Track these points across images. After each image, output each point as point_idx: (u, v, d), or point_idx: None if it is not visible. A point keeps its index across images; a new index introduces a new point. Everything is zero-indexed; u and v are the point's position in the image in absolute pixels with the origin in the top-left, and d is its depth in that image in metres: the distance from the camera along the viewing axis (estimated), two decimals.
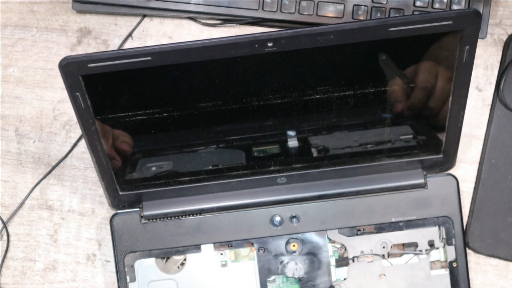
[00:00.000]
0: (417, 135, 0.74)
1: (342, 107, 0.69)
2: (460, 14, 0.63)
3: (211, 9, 0.79)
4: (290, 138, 0.73)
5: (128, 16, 0.82)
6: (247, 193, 0.75)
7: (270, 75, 0.66)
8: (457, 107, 0.70)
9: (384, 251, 0.76)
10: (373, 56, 0.66)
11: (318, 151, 0.74)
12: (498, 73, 0.80)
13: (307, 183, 0.75)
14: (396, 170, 0.75)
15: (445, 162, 0.75)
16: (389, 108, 0.70)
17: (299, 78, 0.67)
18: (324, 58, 0.65)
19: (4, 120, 0.81)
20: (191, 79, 0.66)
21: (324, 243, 0.76)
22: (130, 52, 0.62)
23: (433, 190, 0.76)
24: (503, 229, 0.78)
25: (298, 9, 0.79)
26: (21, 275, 0.80)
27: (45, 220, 0.80)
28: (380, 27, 0.63)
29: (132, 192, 0.74)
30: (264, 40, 0.62)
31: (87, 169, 0.81)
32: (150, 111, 0.68)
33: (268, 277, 0.75)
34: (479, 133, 0.80)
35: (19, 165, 0.81)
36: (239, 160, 0.74)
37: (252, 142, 0.73)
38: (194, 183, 0.74)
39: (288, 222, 0.75)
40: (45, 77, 0.82)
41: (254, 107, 0.68)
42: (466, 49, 0.65)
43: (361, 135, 0.73)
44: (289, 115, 0.70)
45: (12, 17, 0.82)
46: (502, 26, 0.81)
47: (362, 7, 0.78)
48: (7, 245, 0.80)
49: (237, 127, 0.71)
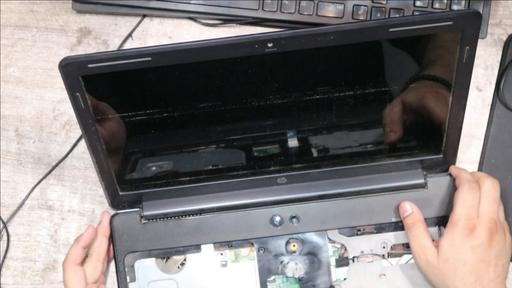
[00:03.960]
0: (417, 135, 0.74)
1: (342, 107, 0.69)
2: (460, 14, 0.63)
3: (211, 9, 0.79)
4: (290, 138, 0.73)
5: (128, 16, 0.82)
6: (247, 193, 0.75)
7: (270, 75, 0.66)
8: (457, 107, 0.70)
9: (384, 251, 0.76)
10: (373, 56, 0.66)
11: (318, 151, 0.74)
12: (498, 73, 0.80)
13: (307, 183, 0.75)
14: (396, 170, 0.75)
15: (445, 162, 0.75)
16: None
17: (299, 78, 0.67)
18: (324, 58, 0.65)
19: (4, 120, 0.81)
20: (191, 79, 0.66)
21: (324, 243, 0.76)
22: (130, 52, 0.62)
23: (433, 190, 0.76)
24: None
25: (298, 9, 0.79)
26: (21, 275, 0.80)
27: (45, 220, 0.80)
28: (380, 27, 0.63)
29: (132, 192, 0.74)
30: (264, 41, 0.62)
31: (87, 169, 0.81)
32: (150, 111, 0.68)
33: (268, 277, 0.75)
34: (479, 133, 0.80)
35: (19, 165, 0.81)
36: (239, 160, 0.74)
37: (252, 142, 0.73)
38: (194, 183, 0.74)
39: (288, 222, 0.76)
40: (45, 77, 0.82)
41: (254, 107, 0.68)
42: (466, 49, 0.65)
43: (361, 135, 0.73)
44: (289, 115, 0.70)
45: (12, 17, 0.82)
46: (502, 26, 0.81)
47: (362, 7, 0.78)
48: (7, 245, 0.80)
49: (237, 127, 0.71)
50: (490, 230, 0.69)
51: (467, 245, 0.69)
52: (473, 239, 0.69)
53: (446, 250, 0.69)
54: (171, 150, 0.73)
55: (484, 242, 0.69)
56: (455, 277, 0.68)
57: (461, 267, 0.68)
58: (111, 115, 0.68)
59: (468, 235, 0.69)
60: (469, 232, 0.69)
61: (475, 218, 0.70)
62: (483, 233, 0.69)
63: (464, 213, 0.70)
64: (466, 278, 0.68)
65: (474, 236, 0.69)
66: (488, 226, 0.69)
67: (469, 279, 0.68)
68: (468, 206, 0.70)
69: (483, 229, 0.69)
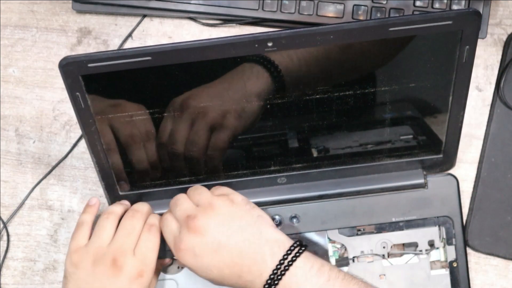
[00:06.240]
0: (417, 135, 0.74)
1: (342, 107, 0.69)
2: (460, 14, 0.63)
3: (211, 9, 0.79)
4: (290, 138, 0.73)
5: (128, 16, 0.82)
6: (247, 193, 0.75)
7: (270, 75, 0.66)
8: (457, 107, 0.70)
9: (384, 251, 0.76)
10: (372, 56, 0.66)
11: (318, 151, 0.74)
12: (498, 72, 0.80)
13: (307, 183, 0.75)
14: (396, 170, 0.75)
15: (445, 162, 0.75)
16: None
17: (299, 78, 0.67)
18: (324, 58, 0.65)
19: (4, 120, 0.81)
20: (191, 79, 0.66)
21: (324, 243, 0.76)
22: (130, 52, 0.62)
23: (433, 190, 0.76)
24: (502, 227, 0.78)
25: (298, 9, 0.79)
26: (21, 275, 0.80)
27: (45, 220, 0.80)
28: (380, 27, 0.63)
29: (132, 192, 0.74)
30: (264, 40, 0.62)
31: (87, 169, 0.81)
32: (150, 111, 0.68)
33: None
34: (479, 133, 0.80)
35: (19, 165, 0.81)
36: (239, 160, 0.74)
37: (252, 142, 0.72)
38: (194, 183, 0.74)
39: (288, 222, 0.75)
40: (45, 77, 0.82)
41: (254, 107, 0.68)
42: (466, 49, 0.65)
43: (361, 135, 0.73)
44: (289, 115, 0.70)
45: (12, 17, 0.82)
46: (502, 26, 0.81)
47: (362, 7, 0.78)
48: (7, 245, 0.80)
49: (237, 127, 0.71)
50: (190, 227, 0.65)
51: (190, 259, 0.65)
52: (186, 251, 0.65)
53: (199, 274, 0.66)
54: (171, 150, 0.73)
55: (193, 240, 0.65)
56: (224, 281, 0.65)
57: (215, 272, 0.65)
58: (111, 115, 0.68)
59: (182, 252, 0.66)
60: (180, 249, 0.66)
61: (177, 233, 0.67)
62: (187, 237, 0.65)
63: (170, 241, 0.67)
64: (225, 274, 0.65)
65: (185, 248, 0.65)
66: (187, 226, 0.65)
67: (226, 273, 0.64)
68: (168, 232, 0.68)
69: (185, 234, 0.65)
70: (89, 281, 0.66)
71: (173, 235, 0.67)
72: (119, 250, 0.67)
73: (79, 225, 0.71)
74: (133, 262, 0.67)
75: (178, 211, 0.68)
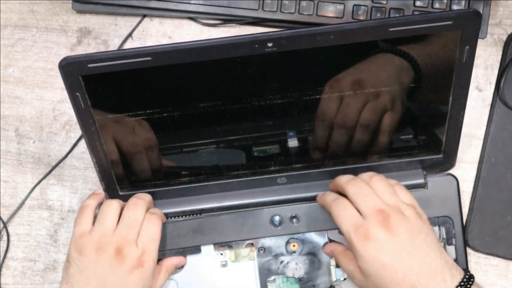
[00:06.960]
0: (417, 135, 0.74)
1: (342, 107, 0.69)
2: (460, 14, 0.63)
3: (211, 9, 0.79)
4: (290, 138, 0.73)
5: (128, 16, 0.82)
6: (247, 193, 0.75)
7: (270, 75, 0.66)
8: (457, 107, 0.70)
9: None
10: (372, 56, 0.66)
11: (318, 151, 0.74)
12: (498, 73, 0.80)
13: (307, 183, 0.75)
14: (396, 170, 0.75)
15: (445, 162, 0.75)
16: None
17: (299, 78, 0.67)
18: (324, 58, 0.65)
19: (4, 120, 0.81)
20: (191, 79, 0.66)
21: (324, 243, 0.76)
22: (130, 52, 0.62)
23: (433, 190, 0.76)
24: (502, 227, 0.78)
25: (298, 9, 0.79)
26: (21, 275, 0.80)
27: (45, 220, 0.80)
28: (380, 27, 0.63)
29: (132, 192, 0.74)
30: (264, 40, 0.62)
31: (87, 169, 0.81)
32: (150, 111, 0.68)
33: (268, 277, 0.75)
34: (479, 133, 0.80)
35: (19, 165, 0.81)
36: (239, 160, 0.74)
37: (252, 142, 0.73)
38: (194, 183, 0.74)
39: (288, 222, 0.75)
40: (45, 77, 0.82)
41: (254, 107, 0.68)
42: (466, 49, 0.65)
43: (361, 135, 0.73)
44: (289, 115, 0.70)
45: (12, 17, 0.82)
46: (502, 26, 0.81)
47: (362, 7, 0.78)
48: (7, 245, 0.80)
49: (237, 127, 0.71)
50: (381, 221, 0.65)
51: (371, 251, 0.65)
52: (371, 241, 0.65)
53: (363, 266, 0.66)
54: (171, 150, 0.73)
55: (383, 236, 0.65)
56: (387, 284, 0.65)
57: (385, 272, 0.65)
58: (111, 115, 0.68)
59: (366, 241, 0.65)
60: (365, 238, 0.65)
61: (360, 222, 0.66)
62: (377, 230, 0.65)
63: (349, 227, 0.67)
64: (396, 278, 0.64)
65: (371, 238, 0.65)
66: (377, 220, 0.65)
67: (398, 277, 0.64)
68: (347, 219, 0.67)
69: (374, 227, 0.65)
70: (92, 268, 0.66)
71: (354, 221, 0.66)
72: (123, 240, 0.67)
73: (82, 209, 0.70)
74: (136, 252, 0.67)
75: (364, 202, 0.67)
